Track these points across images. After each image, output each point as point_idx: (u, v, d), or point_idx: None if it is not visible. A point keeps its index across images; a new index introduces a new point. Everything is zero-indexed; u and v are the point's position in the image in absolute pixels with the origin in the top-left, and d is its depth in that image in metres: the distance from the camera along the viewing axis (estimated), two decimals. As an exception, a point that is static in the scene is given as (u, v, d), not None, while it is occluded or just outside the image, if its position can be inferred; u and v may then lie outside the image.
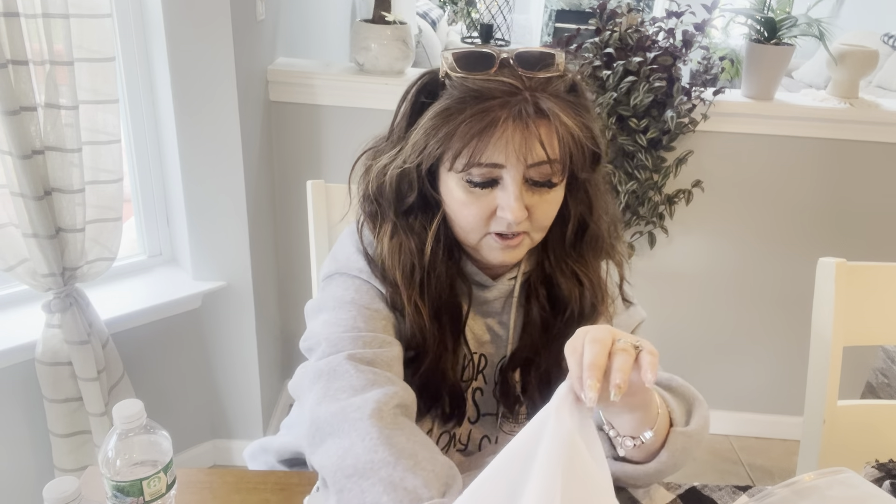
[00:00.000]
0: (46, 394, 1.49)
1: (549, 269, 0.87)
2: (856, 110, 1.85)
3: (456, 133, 0.74)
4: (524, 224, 0.79)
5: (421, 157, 0.78)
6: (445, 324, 0.85)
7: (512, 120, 0.73)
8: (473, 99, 0.74)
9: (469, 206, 0.78)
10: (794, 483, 0.65)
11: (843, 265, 1.11)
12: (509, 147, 0.73)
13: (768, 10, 1.84)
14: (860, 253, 2.00)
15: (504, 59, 0.76)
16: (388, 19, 1.80)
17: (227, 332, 1.85)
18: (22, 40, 1.22)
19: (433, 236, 0.82)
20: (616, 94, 1.73)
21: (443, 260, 0.84)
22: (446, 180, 0.80)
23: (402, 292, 0.83)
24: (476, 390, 0.92)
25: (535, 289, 0.88)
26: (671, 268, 2.07)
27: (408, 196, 0.82)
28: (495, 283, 0.88)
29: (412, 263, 0.83)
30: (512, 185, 0.76)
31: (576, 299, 0.86)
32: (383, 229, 0.85)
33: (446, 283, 0.84)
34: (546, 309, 0.88)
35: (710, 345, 2.18)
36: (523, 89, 0.74)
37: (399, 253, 0.83)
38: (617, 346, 0.62)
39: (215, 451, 2.00)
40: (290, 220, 1.98)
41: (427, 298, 0.83)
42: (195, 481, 0.88)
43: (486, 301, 0.89)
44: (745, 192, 1.97)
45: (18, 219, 1.34)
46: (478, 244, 0.82)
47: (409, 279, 0.83)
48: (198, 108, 1.59)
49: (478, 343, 0.91)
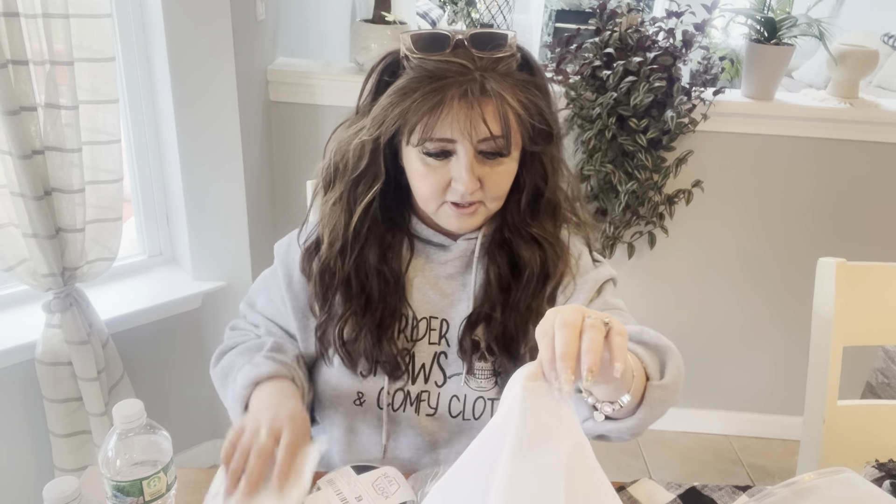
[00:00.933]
0: (46, 394, 1.49)
1: (508, 233, 0.93)
2: (856, 110, 1.85)
3: (410, 110, 0.81)
4: (478, 194, 0.85)
5: (379, 130, 0.84)
6: (374, 287, 0.93)
7: (458, 99, 0.79)
8: (427, 79, 0.80)
9: (426, 178, 0.85)
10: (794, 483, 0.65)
11: (843, 265, 1.11)
12: (455, 124, 0.80)
13: (768, 10, 1.84)
14: (860, 253, 2.00)
15: (459, 40, 0.82)
16: (388, 19, 1.80)
17: (227, 332, 1.85)
18: (22, 40, 1.23)
19: (362, 209, 0.90)
20: (616, 94, 1.73)
21: (375, 230, 0.92)
22: (407, 153, 0.87)
23: (323, 252, 0.93)
24: (440, 354, 0.96)
25: (492, 251, 0.94)
26: (671, 268, 2.07)
27: (360, 165, 0.88)
28: (454, 243, 0.94)
29: (337, 233, 0.91)
30: (464, 158, 0.82)
31: (535, 260, 0.92)
32: (329, 196, 0.92)
33: (376, 251, 0.92)
34: (503, 268, 0.93)
35: (710, 344, 2.18)
36: (474, 70, 0.80)
37: (332, 219, 0.92)
38: (586, 324, 0.62)
39: (215, 451, 2.00)
40: (289, 220, 1.98)
41: (346, 263, 0.92)
42: (195, 481, 0.88)
43: (445, 262, 0.95)
44: (745, 192, 1.97)
45: (18, 219, 1.34)
46: (436, 212, 0.89)
47: (332, 244, 0.92)
48: (198, 108, 1.59)
49: (438, 307, 0.96)
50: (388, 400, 0.96)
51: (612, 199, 1.87)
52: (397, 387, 0.96)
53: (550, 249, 0.93)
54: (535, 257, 0.92)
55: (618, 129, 1.78)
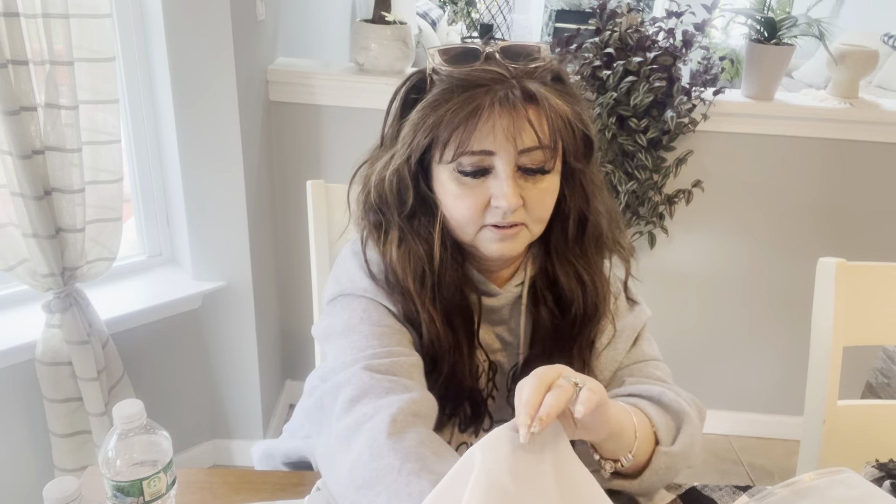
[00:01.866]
0: (46, 394, 1.49)
1: (553, 270, 0.86)
2: (856, 110, 1.85)
3: (443, 121, 0.74)
4: (520, 214, 0.77)
5: (410, 149, 0.77)
6: (458, 328, 0.84)
7: (499, 104, 0.72)
8: (460, 88, 0.74)
9: (463, 199, 0.77)
10: (794, 483, 0.65)
11: (843, 265, 1.11)
12: (497, 131, 0.73)
13: (768, 10, 1.84)
14: (860, 253, 2.00)
15: (490, 52, 0.76)
16: (388, 19, 1.80)
17: (227, 332, 1.85)
18: (22, 40, 1.22)
19: (439, 238, 0.81)
20: (616, 94, 1.73)
21: (450, 264, 0.83)
22: (439, 175, 0.79)
23: (416, 299, 0.81)
24: (488, 398, 0.92)
25: (541, 293, 0.87)
26: (671, 268, 2.07)
27: (406, 196, 0.81)
28: (501, 291, 0.87)
29: (423, 269, 0.81)
30: (504, 172, 0.75)
31: (578, 299, 0.86)
32: (390, 238, 0.83)
33: (456, 286, 0.83)
34: (555, 313, 0.87)
35: (710, 345, 2.18)
36: (509, 77, 0.74)
37: (409, 259, 0.82)
38: (555, 384, 0.63)
39: (215, 451, 2.00)
40: (290, 220, 1.98)
41: (439, 304, 0.82)
42: (195, 481, 0.88)
43: (494, 309, 0.88)
44: (745, 192, 1.97)
45: (18, 219, 1.34)
46: (475, 238, 0.80)
47: (422, 285, 0.82)
48: (198, 108, 1.59)
49: (489, 351, 0.90)
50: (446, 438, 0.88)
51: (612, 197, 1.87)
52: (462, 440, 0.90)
53: (592, 287, 0.86)
54: (579, 295, 0.86)
55: (618, 129, 1.78)
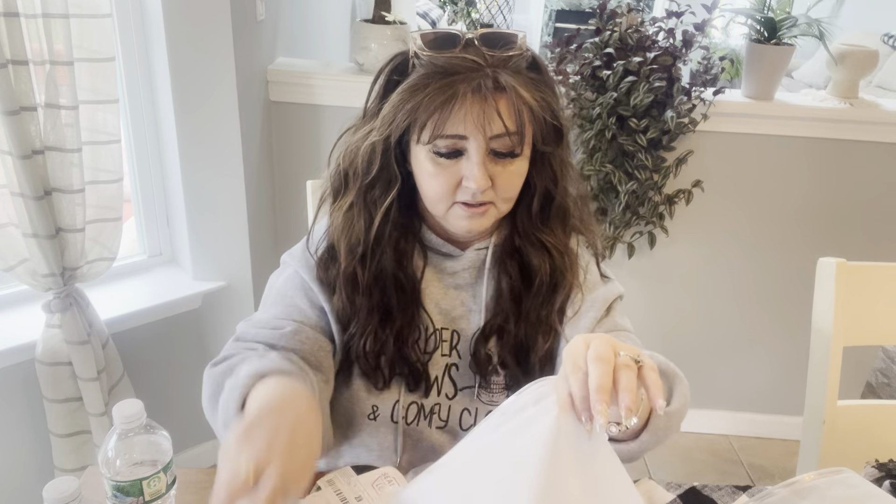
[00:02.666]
0: (46, 394, 1.49)
1: (518, 240, 0.91)
2: (856, 110, 1.85)
3: (421, 106, 0.79)
4: (489, 193, 0.83)
5: (390, 129, 0.83)
6: (392, 294, 0.90)
7: (472, 93, 0.78)
8: (438, 75, 0.79)
9: (436, 177, 0.83)
10: (794, 483, 0.65)
11: (843, 265, 1.11)
12: (468, 119, 0.79)
13: (768, 10, 1.84)
14: (860, 253, 2.00)
15: (469, 39, 0.81)
16: (388, 19, 1.80)
17: (227, 332, 1.85)
18: (22, 40, 1.23)
19: (383, 213, 0.87)
20: (616, 94, 1.73)
21: (392, 236, 0.89)
22: (416, 153, 0.85)
23: (343, 261, 0.89)
24: (451, 366, 0.95)
25: (504, 259, 0.92)
26: (671, 268, 2.07)
27: (372, 169, 0.86)
28: (463, 253, 0.92)
29: (358, 238, 0.88)
30: (475, 156, 0.81)
31: (545, 269, 0.90)
32: (341, 202, 0.90)
33: (392, 257, 0.90)
34: (515, 278, 0.92)
35: (710, 345, 2.18)
36: (485, 66, 0.79)
37: (349, 225, 0.89)
38: (619, 362, 0.61)
39: (215, 451, 1.98)
40: (290, 220, 1.98)
41: (368, 271, 0.89)
42: (195, 481, 0.88)
43: (455, 272, 0.93)
44: (745, 192, 1.97)
45: (18, 219, 1.34)
46: (445, 214, 0.87)
47: (353, 251, 0.89)
48: (198, 108, 1.59)
49: (449, 318, 0.94)
50: (403, 413, 0.94)
51: (612, 199, 1.87)
52: (411, 399, 0.94)
53: (559, 258, 0.91)
54: (545, 265, 0.90)
55: (618, 129, 1.78)
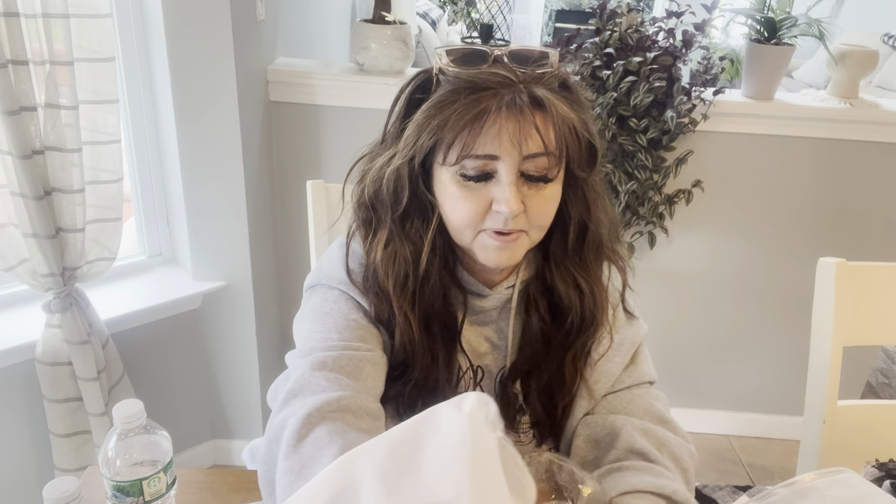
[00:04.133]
0: (46, 394, 1.49)
1: (550, 277, 0.85)
2: (856, 110, 1.85)
3: (448, 123, 0.72)
4: (520, 220, 0.76)
5: (413, 150, 0.76)
6: (437, 334, 0.83)
7: (506, 108, 0.71)
8: (467, 90, 0.72)
9: (463, 202, 0.76)
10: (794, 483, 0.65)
11: (843, 265, 1.11)
12: (503, 136, 0.71)
13: (768, 10, 1.84)
14: (860, 253, 2.00)
15: (498, 55, 0.75)
16: (388, 19, 1.80)
17: (227, 332, 1.85)
18: (22, 40, 1.23)
19: (430, 243, 0.80)
20: (616, 94, 1.73)
21: (437, 269, 0.82)
22: (440, 177, 0.78)
23: (394, 301, 0.81)
24: None
25: (534, 298, 0.86)
26: (671, 268, 2.07)
27: (402, 196, 0.79)
28: (492, 292, 0.86)
29: (406, 272, 0.80)
30: (507, 177, 0.73)
31: (576, 308, 0.84)
32: (378, 237, 0.82)
33: (440, 292, 0.82)
34: (546, 319, 0.86)
35: (710, 345, 2.18)
36: (517, 81, 0.73)
37: (394, 261, 0.81)
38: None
39: (215, 451, 2.00)
40: (290, 220, 1.98)
41: (418, 308, 0.81)
42: (195, 481, 0.88)
43: (483, 311, 0.87)
44: (745, 192, 1.97)
45: (18, 219, 1.34)
46: (472, 243, 0.79)
47: (402, 288, 0.81)
48: (198, 107, 1.59)
49: (475, 354, 0.89)
50: None
51: (612, 199, 1.87)
52: None
53: (590, 296, 0.84)
54: (577, 304, 0.84)
55: (618, 129, 1.78)
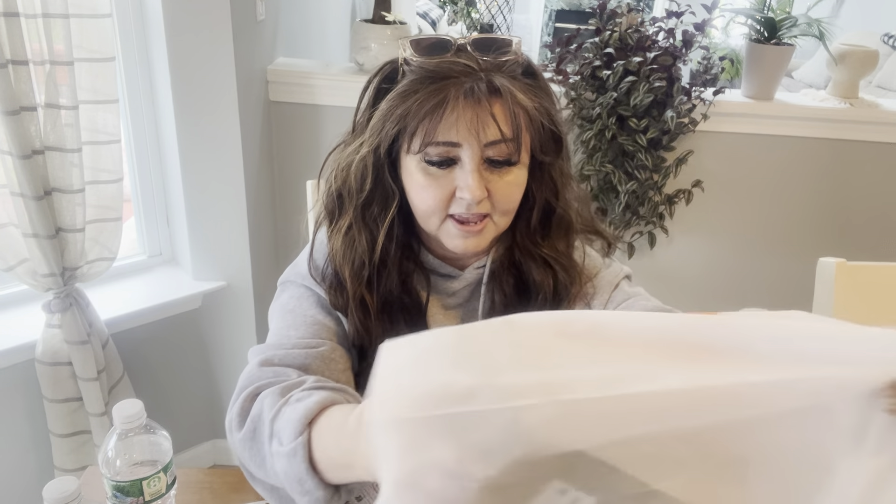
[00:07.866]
0: (46, 394, 1.49)
1: (518, 255, 0.87)
2: (856, 110, 1.85)
3: (410, 112, 0.75)
4: (485, 205, 0.78)
5: (379, 138, 0.78)
6: (400, 320, 0.85)
7: (464, 96, 0.73)
8: (428, 80, 0.75)
9: (428, 189, 0.78)
10: None
11: (843, 265, 1.11)
12: (461, 124, 0.74)
13: (768, 10, 1.84)
14: (860, 253, 2.00)
15: (461, 44, 0.77)
16: (388, 19, 1.80)
17: (227, 332, 1.85)
18: (22, 40, 1.23)
19: (385, 230, 0.82)
20: (616, 94, 1.73)
21: (395, 256, 0.84)
22: (407, 165, 0.80)
23: (349, 287, 0.83)
24: None
25: (499, 277, 0.88)
26: (671, 268, 2.07)
27: (366, 185, 0.81)
28: (462, 273, 0.88)
29: (362, 260, 0.83)
30: (469, 163, 0.75)
31: (548, 284, 0.86)
32: (339, 225, 0.84)
33: (397, 279, 0.84)
34: (509, 294, 0.87)
35: (710, 345, 2.18)
36: (478, 70, 0.75)
37: (351, 249, 0.83)
38: None
39: (215, 451, 2.00)
40: (290, 220, 1.98)
41: (376, 295, 0.83)
42: (195, 481, 0.88)
43: (454, 292, 0.89)
44: (746, 192, 1.97)
45: (18, 219, 1.34)
46: (438, 230, 0.81)
47: (358, 275, 0.83)
48: (198, 108, 1.59)
49: None
50: None
51: (612, 199, 1.87)
52: None
53: (563, 272, 0.86)
54: (547, 280, 0.86)
55: (618, 129, 1.78)
